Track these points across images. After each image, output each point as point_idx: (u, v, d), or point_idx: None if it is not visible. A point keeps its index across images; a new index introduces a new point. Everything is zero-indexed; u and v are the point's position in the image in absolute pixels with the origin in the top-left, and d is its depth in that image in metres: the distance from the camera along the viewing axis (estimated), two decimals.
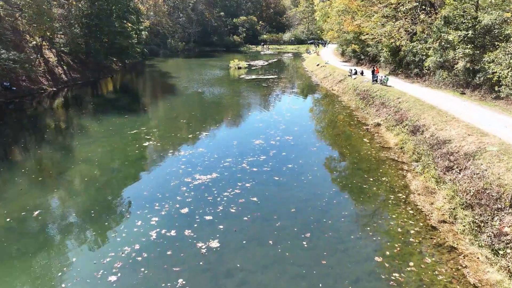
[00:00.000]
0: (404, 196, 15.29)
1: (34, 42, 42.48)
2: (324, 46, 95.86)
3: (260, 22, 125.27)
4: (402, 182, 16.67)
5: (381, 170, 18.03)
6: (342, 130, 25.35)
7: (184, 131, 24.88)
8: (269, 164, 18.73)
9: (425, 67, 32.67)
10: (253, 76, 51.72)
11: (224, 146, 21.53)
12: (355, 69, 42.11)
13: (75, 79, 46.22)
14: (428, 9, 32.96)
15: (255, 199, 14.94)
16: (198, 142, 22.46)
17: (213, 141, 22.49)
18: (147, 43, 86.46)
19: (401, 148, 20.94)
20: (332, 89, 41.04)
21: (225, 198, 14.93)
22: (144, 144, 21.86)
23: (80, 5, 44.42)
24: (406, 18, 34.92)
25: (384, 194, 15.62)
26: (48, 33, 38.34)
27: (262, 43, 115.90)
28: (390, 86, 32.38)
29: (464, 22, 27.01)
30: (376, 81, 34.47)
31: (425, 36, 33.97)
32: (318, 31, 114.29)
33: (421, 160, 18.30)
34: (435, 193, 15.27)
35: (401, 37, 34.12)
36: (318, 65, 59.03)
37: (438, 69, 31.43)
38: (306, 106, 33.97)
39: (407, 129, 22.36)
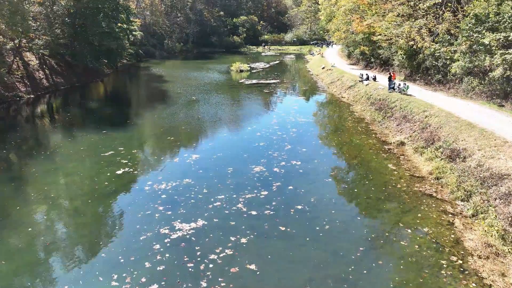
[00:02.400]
0: (460, 261, 11.05)
1: (12, 44, 38.36)
2: (327, 47, 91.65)
3: (261, 22, 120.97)
4: (452, 235, 12.43)
5: (419, 214, 13.80)
6: (360, 150, 21.12)
7: (169, 153, 20.71)
8: (272, 204, 14.52)
9: (451, 73, 28.42)
10: (254, 81, 47.54)
11: (217, 176, 17.32)
12: (366, 74, 37.89)
13: (58, 84, 42.01)
14: (456, 5, 28.67)
15: (253, 266, 10.73)
16: (185, 169, 18.25)
17: (204, 168, 18.28)
18: (143, 44, 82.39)
19: (437, 179, 16.71)
20: (342, 97, 36.80)
21: (211, 265, 10.73)
22: (118, 172, 17.66)
23: (63, 2, 40.20)
24: (427, 17, 30.68)
25: (430, 255, 11.39)
26: (23, 34, 34.12)
27: (263, 44, 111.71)
28: (410, 95, 28.17)
29: (504, 22, 22.79)
30: (393, 89, 30.24)
31: (448, 37, 29.79)
32: (321, 32, 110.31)
33: (471, 200, 14.06)
34: (504, 257, 11.03)
35: (423, 39, 29.84)
36: (323, 68, 54.84)
37: (466, 75, 27.22)
38: (314, 118, 29.71)
39: (442, 153, 18.13)
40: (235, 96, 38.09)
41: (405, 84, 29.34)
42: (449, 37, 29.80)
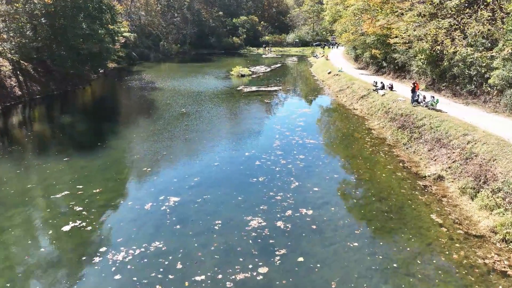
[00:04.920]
0: None
1: None
2: (330, 48, 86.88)
3: (262, 22, 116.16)
4: None
5: None
6: (388, 190, 16.35)
7: (140, 194, 15.95)
8: None
9: (488, 84, 23.68)
10: (254, 88, 42.80)
11: (199, 235, 12.61)
12: (382, 82, 33.17)
13: (33, 93, 37.37)
14: (495, 2, 23.87)
15: None
16: (157, 221, 13.54)
17: (183, 220, 13.57)
18: (136, 45, 77.78)
19: (505, 242, 11.99)
20: (354, 109, 32.07)
21: None
22: (65, 227, 12.97)
23: (36, 0, 35.47)
24: (459, 16, 25.95)
25: None
26: None
27: (264, 45, 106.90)
28: (439, 110, 23.46)
29: None
30: (418, 102, 25.55)
31: (483, 41, 25.06)
32: (324, 32, 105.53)
33: None
34: None
35: (455, 42, 25.12)
36: (329, 72, 50.15)
37: (508, 87, 22.49)
38: (324, 138, 24.89)
39: (505, 199, 13.41)
40: (232, 108, 33.37)
41: (433, 97, 24.59)
42: (483, 40, 25.09)
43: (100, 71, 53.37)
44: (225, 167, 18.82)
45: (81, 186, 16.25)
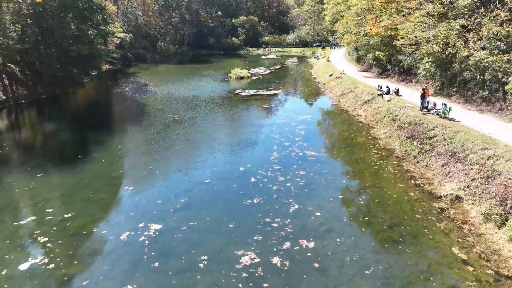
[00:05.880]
0: None
1: None
2: (331, 48, 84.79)
3: (262, 22, 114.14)
4: None
5: None
6: (401, 214, 14.35)
7: (118, 220, 13.96)
8: None
9: (506, 90, 21.71)
10: (252, 92, 40.81)
11: (180, 274, 10.64)
12: (387, 86, 31.17)
13: (18, 97, 35.50)
14: None
15: None
16: (133, 256, 11.59)
17: (164, 255, 11.63)
18: (133, 46, 75.86)
19: None
20: (357, 115, 30.08)
21: None
22: (23, 265, 11.04)
23: (21, 0, 33.61)
24: (471, 17, 23.97)
25: None
26: None
27: (264, 46, 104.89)
28: (452, 119, 21.50)
29: None
30: (427, 109, 23.61)
31: (498, 43, 23.10)
32: (325, 33, 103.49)
33: None
34: None
35: (469, 45, 23.16)
36: (331, 75, 48.17)
37: None
38: (327, 149, 22.76)
39: None
40: (228, 114, 31.39)
41: (445, 105, 22.60)
42: (498, 42, 23.12)
43: (93, 73, 51.54)
44: (216, 185, 16.84)
45: (51, 210, 14.32)
